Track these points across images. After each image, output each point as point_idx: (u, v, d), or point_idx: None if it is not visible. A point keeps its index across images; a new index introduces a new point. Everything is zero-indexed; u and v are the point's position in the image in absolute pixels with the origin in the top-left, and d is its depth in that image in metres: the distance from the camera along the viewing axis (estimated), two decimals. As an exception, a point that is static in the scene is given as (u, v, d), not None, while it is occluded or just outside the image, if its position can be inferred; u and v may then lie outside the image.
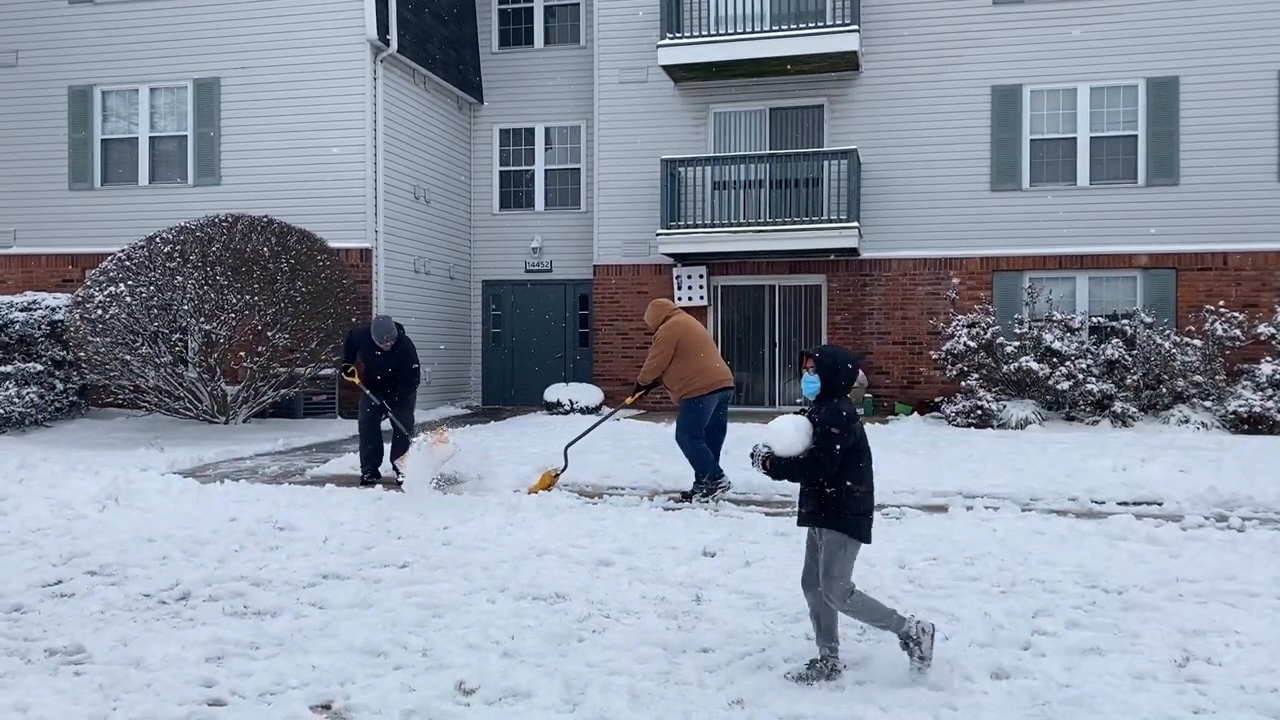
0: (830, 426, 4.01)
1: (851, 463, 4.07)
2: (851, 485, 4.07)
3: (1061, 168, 15.32)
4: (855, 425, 4.07)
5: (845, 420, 4.03)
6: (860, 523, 4.09)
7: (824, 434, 4.01)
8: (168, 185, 16.06)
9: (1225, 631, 4.72)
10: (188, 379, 12.81)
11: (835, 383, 4.11)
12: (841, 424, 4.02)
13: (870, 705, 3.85)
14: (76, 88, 16.32)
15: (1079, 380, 13.37)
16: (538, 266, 18.40)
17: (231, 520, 7.37)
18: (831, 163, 15.44)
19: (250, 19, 15.59)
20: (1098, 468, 9.44)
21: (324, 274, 13.48)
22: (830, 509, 4.08)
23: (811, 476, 4.06)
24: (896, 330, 15.83)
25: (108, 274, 12.48)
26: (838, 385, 4.11)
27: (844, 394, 4.13)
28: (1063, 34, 15.18)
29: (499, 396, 18.59)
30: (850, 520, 4.07)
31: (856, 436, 4.07)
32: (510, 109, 18.47)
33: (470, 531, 6.95)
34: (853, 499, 4.07)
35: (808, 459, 4.03)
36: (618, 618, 4.99)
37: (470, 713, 3.82)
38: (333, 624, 4.86)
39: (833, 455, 4.01)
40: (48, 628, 4.84)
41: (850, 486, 4.07)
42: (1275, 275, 14.59)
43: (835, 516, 4.08)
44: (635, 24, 16.74)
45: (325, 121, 15.32)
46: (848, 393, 4.15)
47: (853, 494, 4.07)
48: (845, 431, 4.01)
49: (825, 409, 4.08)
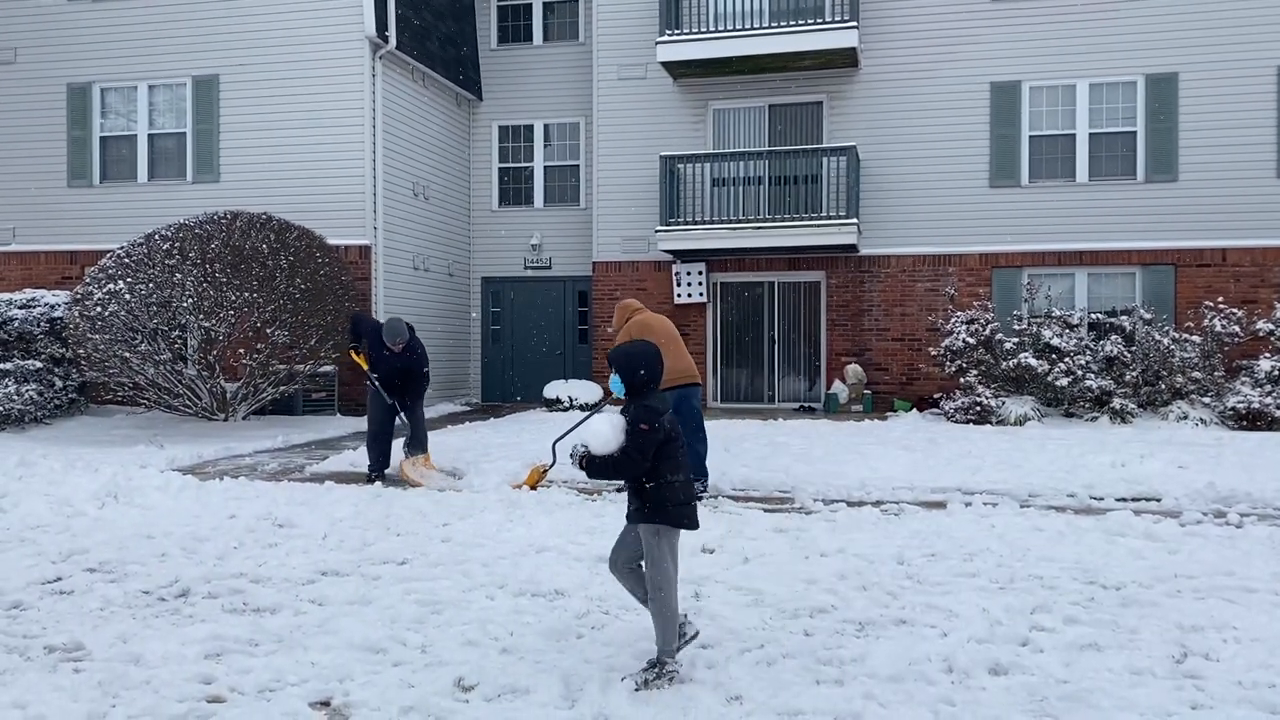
0: (639, 423, 4.09)
1: (666, 456, 4.15)
2: (670, 478, 4.16)
3: (1060, 164, 15.31)
4: (665, 420, 4.14)
5: (653, 416, 4.11)
6: (682, 512, 4.18)
7: (634, 431, 4.09)
8: (166, 182, 16.05)
9: (1223, 627, 4.72)
10: (187, 376, 12.80)
11: (635, 381, 4.19)
12: (650, 420, 4.10)
13: (870, 701, 3.86)
14: (75, 85, 16.30)
15: (1078, 377, 13.37)
16: (537, 263, 18.40)
17: (231, 517, 7.37)
18: (830, 159, 15.43)
19: (249, 16, 15.57)
20: (1096, 464, 9.44)
21: (323, 271, 13.48)
22: (650, 503, 4.17)
23: (626, 473, 4.14)
24: (896, 327, 15.83)
25: (107, 271, 12.48)
26: (638, 384, 4.19)
27: (651, 392, 4.21)
28: (1061, 30, 15.17)
29: (498, 393, 18.59)
30: (671, 511, 4.16)
31: (667, 431, 4.14)
32: (509, 106, 18.46)
33: (469, 528, 6.95)
34: (672, 490, 4.15)
35: (621, 456, 4.11)
36: (617, 614, 4.99)
37: (469, 709, 3.82)
38: (332, 621, 4.86)
39: (644, 451, 4.09)
40: (47, 625, 4.85)
41: (669, 480, 4.15)
42: (1274, 271, 14.60)
43: (656, 510, 4.15)
44: (634, 21, 16.72)
45: (324, 118, 15.31)
46: (654, 389, 4.23)
47: (671, 486, 4.15)
48: (654, 428, 4.09)
49: (634, 407, 4.17)
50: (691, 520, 4.23)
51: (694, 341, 16.54)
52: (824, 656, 4.35)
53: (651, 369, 4.18)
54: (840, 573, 5.71)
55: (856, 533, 6.78)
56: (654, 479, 4.14)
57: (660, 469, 4.13)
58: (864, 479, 8.79)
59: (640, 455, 4.08)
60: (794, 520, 7.20)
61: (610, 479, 4.21)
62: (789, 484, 8.70)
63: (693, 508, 4.24)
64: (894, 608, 5.07)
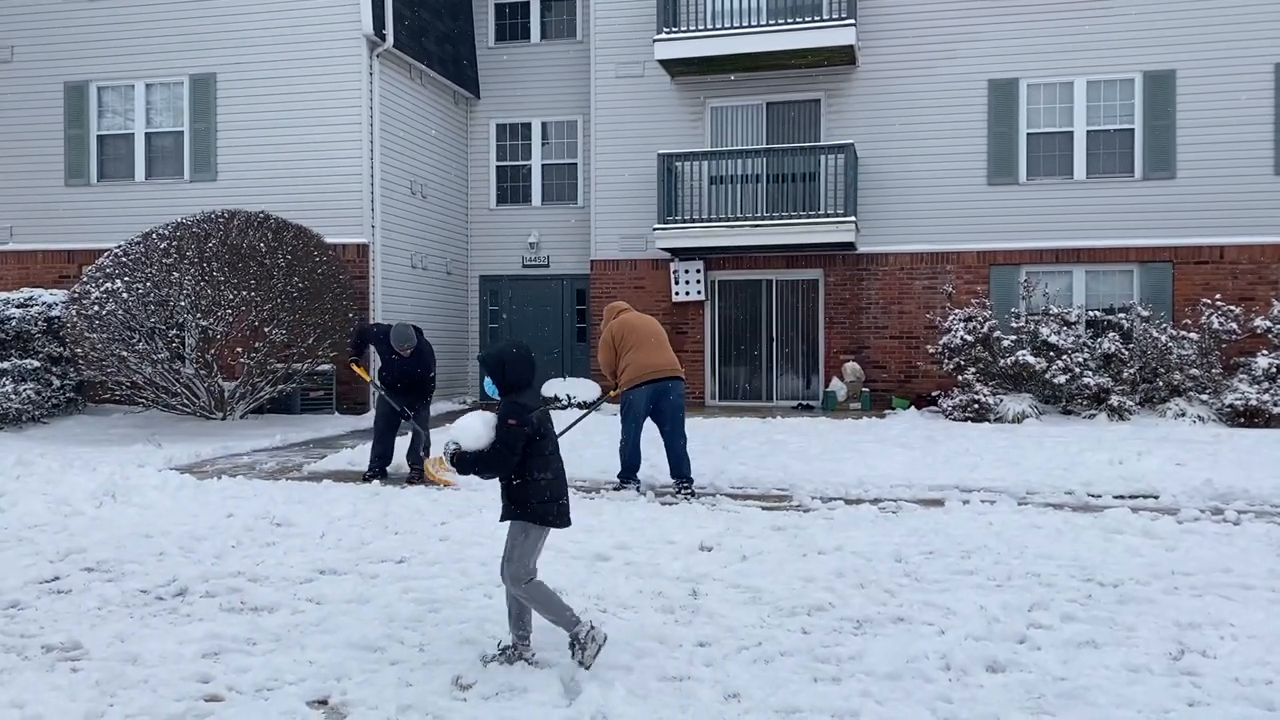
0: (508, 419, 4.14)
1: (535, 453, 4.20)
2: (537, 476, 4.20)
3: (1058, 161, 15.32)
4: (534, 417, 4.18)
5: (522, 412, 4.15)
6: (548, 509, 4.23)
7: (502, 426, 4.14)
8: (164, 181, 16.03)
9: (1220, 624, 4.73)
10: (185, 375, 12.79)
11: (504, 380, 4.24)
12: (518, 416, 4.14)
13: (867, 699, 3.86)
14: (72, 83, 16.28)
15: (1076, 374, 13.38)
16: (535, 261, 18.39)
17: (229, 516, 7.37)
18: (828, 157, 15.43)
19: (246, 14, 15.54)
20: (1094, 461, 9.45)
21: (321, 269, 13.47)
22: (516, 500, 4.22)
23: (495, 468, 4.17)
24: (894, 324, 15.84)
25: (104, 270, 12.46)
26: (508, 382, 4.24)
27: (522, 389, 4.26)
28: (1059, 27, 15.17)
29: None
30: (535, 508, 4.21)
31: (535, 427, 4.18)
32: (507, 104, 18.45)
33: (467, 527, 6.95)
34: (538, 488, 4.21)
35: (490, 452, 4.14)
36: (615, 612, 4.99)
37: (467, 707, 3.82)
38: (329, 619, 4.86)
39: (512, 447, 4.13)
40: (44, 624, 4.85)
41: (536, 477, 4.20)
42: (1271, 268, 14.61)
43: (521, 506, 4.21)
44: (632, 19, 16.71)
45: (322, 117, 15.29)
46: (526, 389, 4.28)
47: (538, 484, 4.21)
48: (522, 423, 4.13)
49: (504, 403, 4.22)
50: (559, 518, 4.28)
51: (692, 339, 16.55)
52: (822, 654, 4.36)
53: (519, 370, 4.25)
54: (838, 570, 5.71)
55: (854, 530, 6.79)
56: (521, 476, 4.20)
57: (528, 466, 4.19)
58: (862, 477, 8.80)
59: (509, 450, 4.12)
60: (792, 518, 7.21)
61: (481, 475, 4.23)
62: (787, 482, 8.70)
63: (562, 506, 4.29)
64: (891, 605, 5.07)
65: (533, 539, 4.23)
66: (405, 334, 8.95)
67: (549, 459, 4.25)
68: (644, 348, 8.33)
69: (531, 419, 4.16)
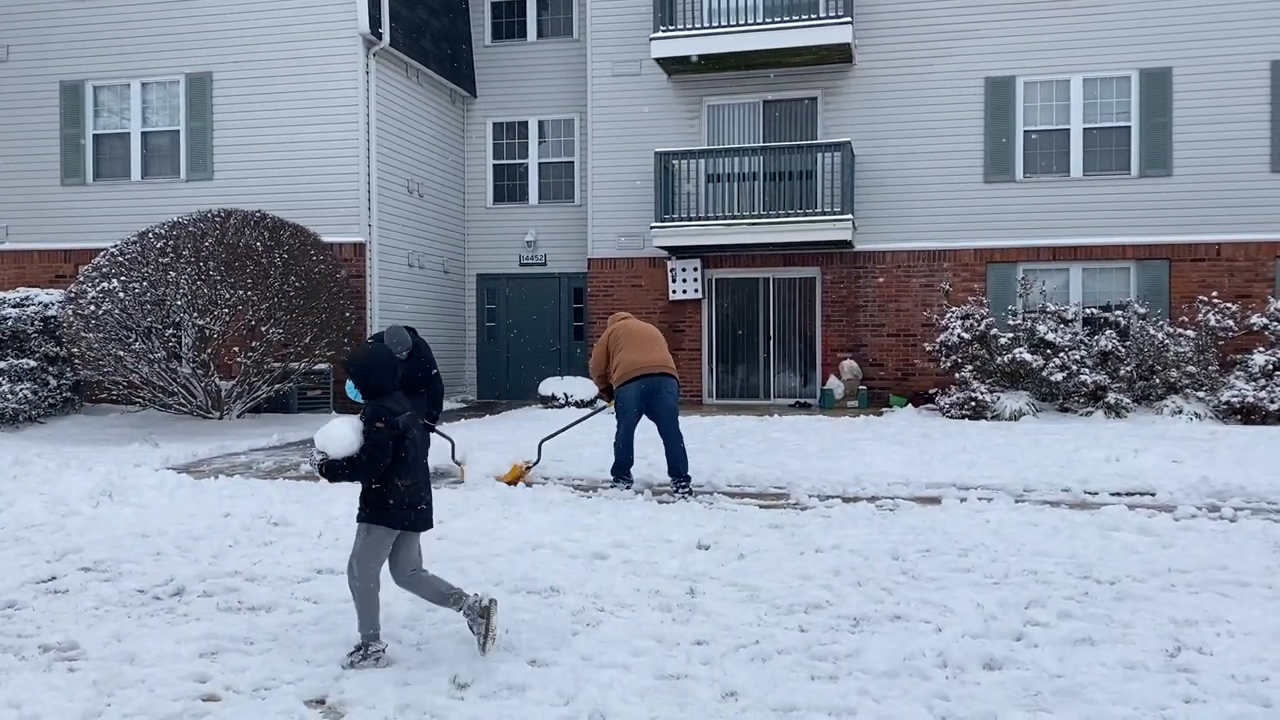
0: (375, 421, 4.16)
1: (396, 458, 4.22)
2: (396, 481, 4.23)
3: (1055, 159, 15.33)
4: (400, 420, 4.21)
5: (388, 414, 4.18)
6: (405, 514, 4.25)
7: (369, 430, 4.16)
8: (160, 180, 16.01)
9: (1217, 621, 4.73)
10: (182, 374, 12.78)
11: (367, 384, 4.27)
12: (385, 418, 4.17)
13: (865, 697, 3.86)
14: (68, 83, 16.25)
15: (1073, 371, 13.39)
16: (532, 260, 18.39)
17: (226, 516, 7.36)
18: (825, 155, 15.44)
19: (242, 13, 15.53)
20: (1091, 459, 9.46)
21: (318, 268, 13.46)
22: (374, 504, 4.24)
23: (367, 472, 4.18)
24: (891, 322, 15.85)
25: (100, 270, 12.45)
26: (370, 386, 4.27)
27: (386, 393, 4.28)
28: (1056, 25, 15.18)
29: (494, 390, 18.59)
30: (392, 513, 4.23)
31: (401, 431, 4.20)
32: (503, 102, 18.44)
33: (464, 525, 6.95)
34: (396, 492, 4.23)
35: (360, 456, 4.16)
36: (612, 611, 4.99)
37: (464, 706, 3.82)
38: (327, 618, 4.86)
39: (383, 449, 4.15)
40: (41, 624, 4.84)
41: (396, 483, 4.23)
42: (1268, 266, 14.63)
43: (377, 511, 4.23)
44: (628, 17, 16.70)
45: (318, 116, 15.28)
46: (390, 392, 4.30)
47: (396, 488, 4.23)
48: (389, 425, 4.16)
49: (369, 406, 4.23)
50: (417, 521, 4.30)
51: (689, 338, 16.55)
52: (819, 652, 4.36)
53: (383, 374, 4.28)
54: (835, 568, 5.72)
55: (851, 528, 6.79)
56: (381, 481, 4.22)
57: (389, 470, 4.21)
58: (859, 475, 8.80)
59: (380, 452, 4.15)
60: (789, 516, 7.21)
61: (352, 480, 4.23)
62: (784, 480, 8.70)
63: (421, 511, 4.31)
64: (889, 603, 5.08)
65: (376, 538, 4.26)
66: (400, 337, 8.86)
67: (409, 464, 4.26)
68: (634, 347, 8.39)
69: (399, 422, 4.19)
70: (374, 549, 4.26)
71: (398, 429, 4.18)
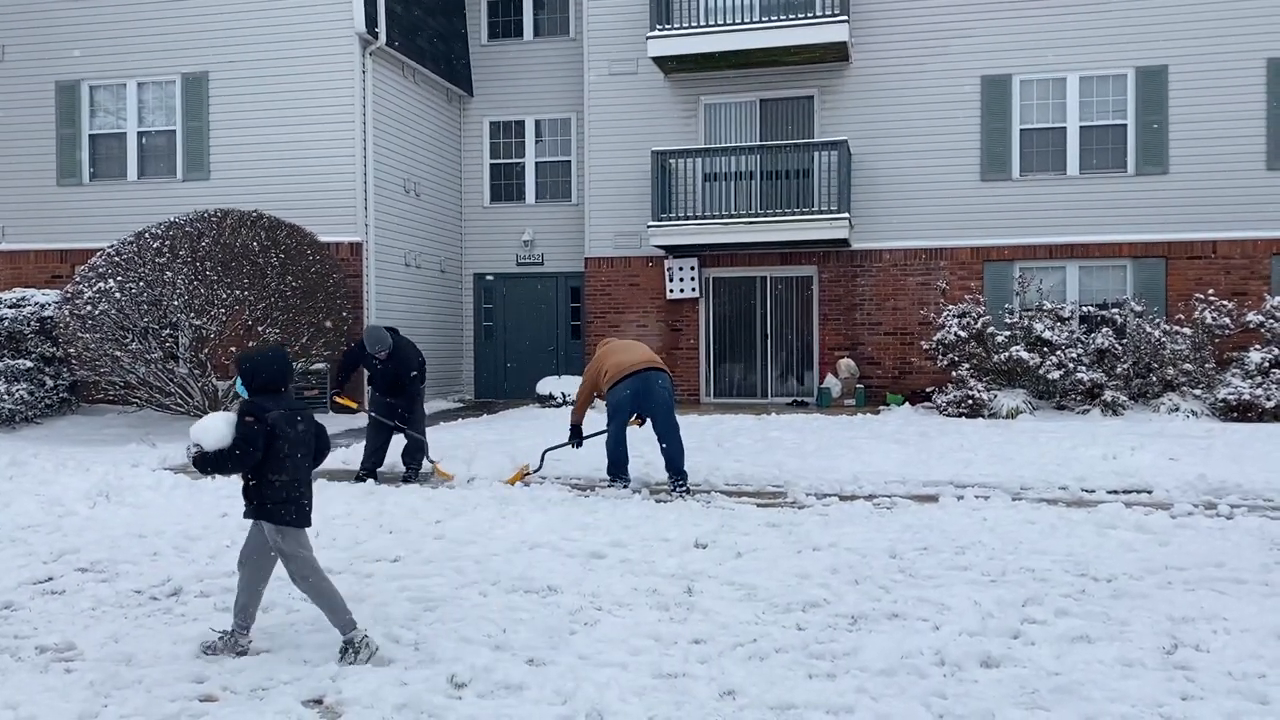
0: (245, 416, 4.25)
1: (272, 454, 4.28)
2: (271, 477, 4.30)
3: (1051, 157, 15.34)
4: (271, 416, 4.26)
5: (259, 410, 4.25)
6: (282, 509, 4.33)
7: (240, 424, 4.24)
8: (157, 180, 15.99)
9: (1214, 618, 4.74)
10: (178, 374, 12.76)
11: (254, 382, 4.36)
12: (255, 414, 4.24)
13: (862, 695, 3.87)
14: (64, 82, 16.22)
15: (1069, 369, 13.41)
16: (529, 259, 18.38)
17: (223, 516, 7.35)
18: (822, 154, 15.45)
19: (238, 13, 15.50)
20: (1088, 456, 9.48)
21: (314, 268, 13.44)
22: (254, 500, 4.34)
23: (236, 465, 4.26)
24: (888, 321, 15.86)
25: (97, 270, 12.43)
26: (258, 384, 4.36)
27: (273, 391, 4.36)
28: (1051, 23, 15.19)
29: (491, 390, 18.58)
30: (270, 509, 4.33)
31: (273, 426, 4.26)
32: (500, 101, 18.43)
33: (462, 525, 6.95)
34: (271, 488, 4.31)
35: (230, 449, 4.23)
36: (610, 610, 4.99)
37: (462, 706, 3.82)
38: (324, 619, 4.83)
39: (252, 443, 4.23)
40: (38, 625, 4.84)
41: (270, 478, 4.30)
42: (1264, 263, 14.65)
43: (259, 507, 4.35)
44: (625, 16, 16.69)
45: (314, 115, 15.26)
46: (277, 389, 4.38)
47: (271, 484, 4.31)
48: (259, 420, 4.23)
49: (242, 402, 4.33)
50: (295, 518, 4.37)
51: (687, 337, 16.55)
52: (817, 650, 4.36)
53: (270, 373, 4.36)
54: (833, 567, 5.72)
55: (849, 527, 6.80)
56: (256, 476, 4.30)
57: (263, 466, 4.28)
58: (856, 473, 8.81)
59: (249, 446, 4.22)
60: (786, 515, 7.21)
61: (224, 473, 4.33)
62: (782, 479, 8.71)
63: (298, 506, 4.38)
64: (886, 601, 5.08)
65: (291, 536, 4.35)
66: (377, 336, 8.80)
67: (284, 461, 4.32)
68: (620, 353, 8.52)
69: (267, 417, 4.25)
70: (295, 543, 4.36)
71: (267, 424, 4.25)
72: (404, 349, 9.05)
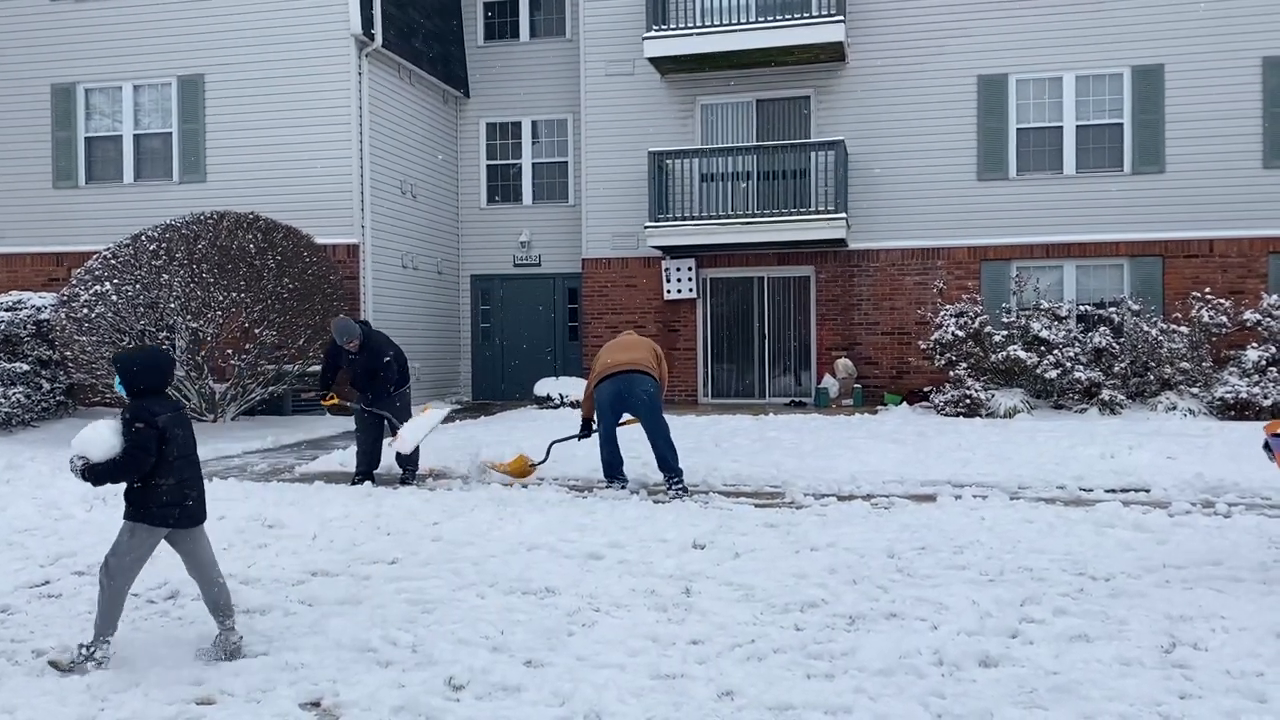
0: (135, 422, 4.19)
1: (160, 459, 4.25)
2: (158, 481, 4.26)
3: (1048, 156, 15.35)
4: (160, 419, 4.23)
5: (148, 414, 4.21)
6: (168, 512, 4.31)
7: (129, 430, 4.19)
8: (153, 183, 15.98)
9: (1211, 617, 4.74)
10: (175, 377, 12.75)
11: (131, 384, 4.31)
12: (145, 418, 4.20)
13: (860, 695, 3.86)
14: (59, 85, 16.21)
15: (1067, 368, 13.42)
16: (526, 260, 18.37)
17: (220, 518, 7.33)
18: (819, 154, 15.45)
19: (234, 14, 15.50)
20: (1086, 455, 9.48)
21: (311, 270, 13.44)
22: (136, 502, 4.29)
23: (132, 472, 4.21)
24: (885, 320, 15.86)
25: (93, 273, 12.41)
26: (135, 386, 4.31)
27: (153, 393, 4.32)
28: (1048, 23, 15.20)
29: (489, 391, 18.57)
30: (155, 511, 4.28)
31: (161, 430, 4.22)
32: (497, 103, 18.42)
33: (459, 527, 6.94)
34: (156, 492, 4.27)
35: (124, 457, 4.19)
36: (608, 611, 4.99)
37: (460, 708, 3.81)
38: (322, 621, 4.85)
39: (145, 448, 4.19)
40: (35, 629, 4.83)
41: (157, 482, 4.26)
42: (1261, 261, 14.66)
43: (139, 510, 4.29)
44: (621, 16, 16.69)
45: (311, 117, 15.26)
46: (157, 390, 4.34)
47: (157, 488, 4.27)
48: (149, 424, 4.19)
49: (129, 407, 4.27)
50: (183, 518, 4.35)
51: (684, 338, 16.55)
52: (815, 651, 4.36)
53: (150, 373, 4.31)
54: (830, 567, 5.72)
55: (847, 527, 6.79)
56: (142, 480, 4.25)
57: (149, 471, 4.23)
58: (854, 473, 8.81)
59: (142, 451, 4.18)
60: (784, 515, 7.21)
61: (116, 481, 4.25)
62: (779, 479, 8.70)
63: (186, 508, 4.35)
64: (884, 601, 5.08)
65: (139, 539, 4.31)
66: (344, 326, 8.70)
67: (173, 464, 4.28)
68: (610, 352, 8.58)
69: (158, 421, 4.21)
70: (134, 549, 4.31)
71: (157, 428, 4.21)
72: (374, 338, 8.91)
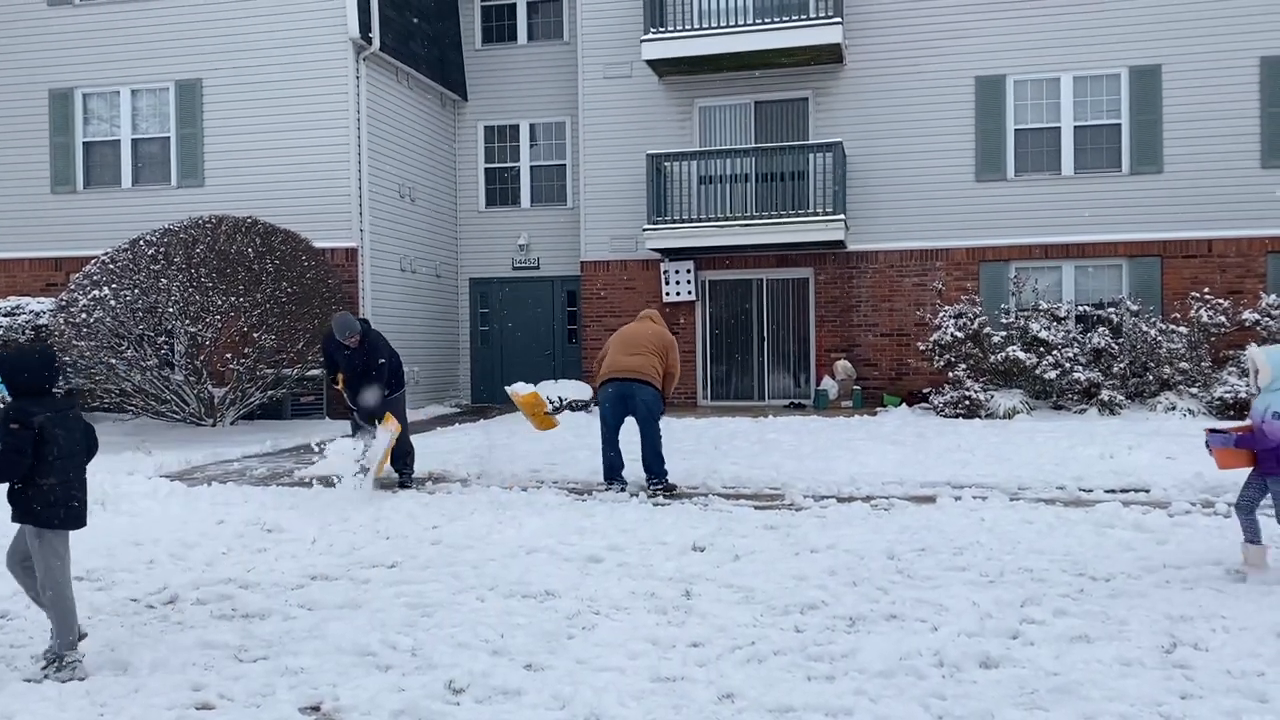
0: (11, 423, 4.19)
1: (40, 458, 4.25)
2: (39, 481, 4.25)
3: (1046, 157, 15.35)
4: (37, 420, 4.22)
5: (26, 416, 4.20)
6: (53, 513, 4.29)
7: (4, 430, 4.19)
8: (151, 187, 15.97)
9: (1212, 617, 4.74)
10: (174, 382, 12.74)
11: (17, 384, 4.32)
12: (22, 419, 4.19)
13: (861, 697, 3.86)
14: (57, 90, 16.21)
15: (1066, 369, 13.42)
16: (525, 263, 18.37)
17: (219, 523, 7.34)
18: (817, 155, 15.45)
19: (232, 19, 15.49)
20: (1085, 456, 9.48)
21: (309, 274, 13.44)
22: (20, 505, 4.29)
23: (4, 475, 4.21)
24: (884, 322, 15.86)
25: (91, 277, 12.41)
26: (20, 385, 4.31)
27: (36, 394, 4.32)
28: (1045, 24, 15.20)
29: (488, 394, 18.54)
30: (41, 512, 4.27)
31: (37, 431, 4.22)
32: (495, 106, 18.42)
33: (459, 530, 6.93)
34: (40, 492, 4.26)
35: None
36: (607, 614, 4.98)
37: (460, 711, 3.81)
38: (321, 625, 4.84)
39: (20, 450, 4.18)
40: (34, 634, 4.81)
41: (38, 483, 4.25)
42: (1259, 261, 14.66)
43: (26, 512, 4.28)
44: (618, 19, 16.70)
45: (309, 121, 15.25)
46: (41, 391, 4.34)
47: (40, 488, 4.26)
48: (26, 426, 4.18)
49: (7, 407, 4.27)
50: (67, 520, 4.34)
51: (683, 340, 16.53)
52: (815, 653, 4.35)
53: (34, 374, 4.32)
54: (830, 569, 5.71)
55: (846, 528, 6.79)
56: (23, 481, 4.25)
57: (30, 471, 4.23)
58: (854, 474, 8.80)
59: (17, 454, 4.17)
60: (784, 517, 7.21)
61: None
62: (779, 481, 8.69)
63: (71, 509, 4.34)
64: (884, 603, 5.07)
65: (49, 542, 4.29)
66: (345, 322, 8.64)
67: (53, 464, 4.27)
68: (615, 349, 8.60)
69: (34, 422, 4.21)
70: (52, 551, 4.31)
71: (34, 429, 4.20)
72: (373, 337, 8.85)
